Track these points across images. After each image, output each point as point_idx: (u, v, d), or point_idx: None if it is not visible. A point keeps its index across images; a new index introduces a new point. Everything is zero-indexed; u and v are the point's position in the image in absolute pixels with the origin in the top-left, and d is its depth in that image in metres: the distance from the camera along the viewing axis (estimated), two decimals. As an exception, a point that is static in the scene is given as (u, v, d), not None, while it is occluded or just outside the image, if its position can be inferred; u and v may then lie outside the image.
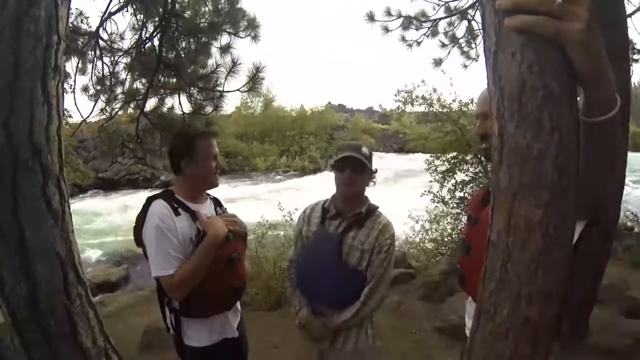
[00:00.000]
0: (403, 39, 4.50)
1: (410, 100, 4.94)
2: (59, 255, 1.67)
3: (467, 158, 4.39)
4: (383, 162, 21.03)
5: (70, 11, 3.42)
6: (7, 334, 1.57)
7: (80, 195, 12.60)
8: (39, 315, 1.58)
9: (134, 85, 3.77)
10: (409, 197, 6.07)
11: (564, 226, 0.52)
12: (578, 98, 0.58)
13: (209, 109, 3.83)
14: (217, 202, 1.60)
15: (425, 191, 4.71)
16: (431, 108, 4.71)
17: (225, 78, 3.55)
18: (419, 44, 4.43)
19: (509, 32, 0.52)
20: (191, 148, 1.39)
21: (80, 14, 3.31)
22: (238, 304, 1.58)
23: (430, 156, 4.81)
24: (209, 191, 1.56)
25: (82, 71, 3.38)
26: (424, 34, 4.38)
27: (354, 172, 1.42)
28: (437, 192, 4.63)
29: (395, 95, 5.10)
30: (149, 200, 1.38)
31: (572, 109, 0.52)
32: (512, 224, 0.54)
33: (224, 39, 3.63)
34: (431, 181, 4.74)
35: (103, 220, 9.45)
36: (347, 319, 1.42)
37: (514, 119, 0.52)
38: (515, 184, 0.53)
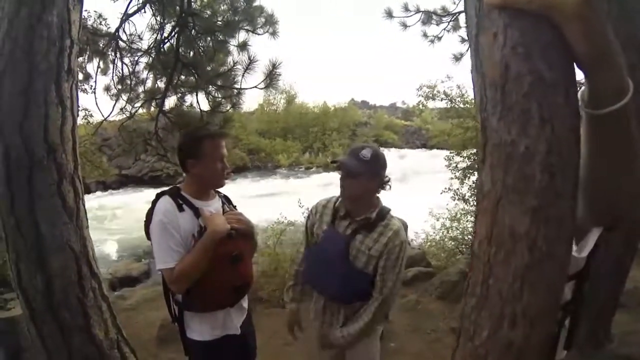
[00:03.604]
0: (425, 35, 4.36)
1: (432, 95, 4.80)
2: (74, 250, 1.73)
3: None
4: (405, 158, 20.56)
5: (89, 14, 3.60)
6: (25, 325, 1.65)
7: (105, 192, 13.21)
8: (54, 307, 1.65)
9: (156, 85, 3.88)
10: (430, 194, 5.89)
11: (557, 238, 0.44)
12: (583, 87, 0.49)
13: (227, 106, 3.88)
14: (226, 200, 1.61)
15: (445, 188, 4.54)
16: (452, 104, 4.53)
17: (242, 75, 3.58)
18: (439, 39, 4.27)
19: (490, 11, 0.44)
20: (197, 149, 1.40)
21: (100, 16, 3.45)
22: (244, 302, 1.58)
23: (450, 152, 4.62)
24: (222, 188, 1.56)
25: (104, 72, 3.52)
26: (444, 29, 4.21)
27: (347, 175, 1.40)
28: (458, 189, 4.44)
29: (418, 90, 4.99)
30: (158, 197, 1.42)
31: (568, 97, 0.44)
32: (494, 233, 0.46)
33: (242, 36, 3.64)
34: (452, 178, 4.56)
35: (127, 217, 9.85)
36: (351, 334, 1.45)
37: (497, 110, 0.45)
38: (498, 187, 0.46)
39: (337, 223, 1.50)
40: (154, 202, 1.40)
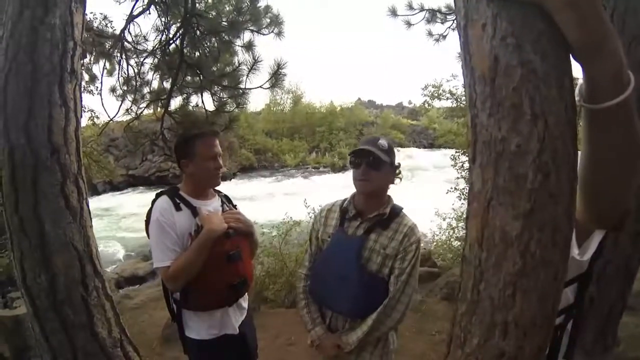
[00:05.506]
0: (430, 33, 4.29)
1: (437, 95, 4.75)
2: (77, 249, 1.75)
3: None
4: (412, 158, 20.42)
5: (95, 15, 3.65)
6: (29, 322, 1.67)
7: (112, 192, 13.34)
8: (58, 305, 1.67)
9: (162, 85, 3.92)
10: (436, 194, 5.84)
11: (552, 243, 0.41)
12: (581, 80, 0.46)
13: (233, 106, 3.89)
14: (226, 199, 1.61)
15: (451, 188, 4.47)
16: (458, 103, 4.46)
17: (247, 75, 3.58)
18: (444, 37, 4.20)
19: (478, 1, 0.42)
20: (189, 149, 1.41)
21: (105, 18, 3.49)
22: (244, 302, 1.57)
23: (456, 151, 4.55)
24: (222, 188, 1.57)
25: (110, 73, 3.57)
26: (449, 27, 4.14)
27: (369, 166, 1.28)
28: (464, 189, 4.37)
29: (423, 90, 4.95)
30: (157, 196, 1.44)
31: (562, 91, 0.41)
32: (485, 236, 0.44)
33: (247, 36, 3.64)
34: (458, 178, 4.49)
35: (133, 216, 9.93)
36: (359, 337, 1.28)
37: (486, 106, 0.42)
38: (488, 188, 0.43)
39: (346, 225, 1.37)
40: (153, 202, 1.42)
